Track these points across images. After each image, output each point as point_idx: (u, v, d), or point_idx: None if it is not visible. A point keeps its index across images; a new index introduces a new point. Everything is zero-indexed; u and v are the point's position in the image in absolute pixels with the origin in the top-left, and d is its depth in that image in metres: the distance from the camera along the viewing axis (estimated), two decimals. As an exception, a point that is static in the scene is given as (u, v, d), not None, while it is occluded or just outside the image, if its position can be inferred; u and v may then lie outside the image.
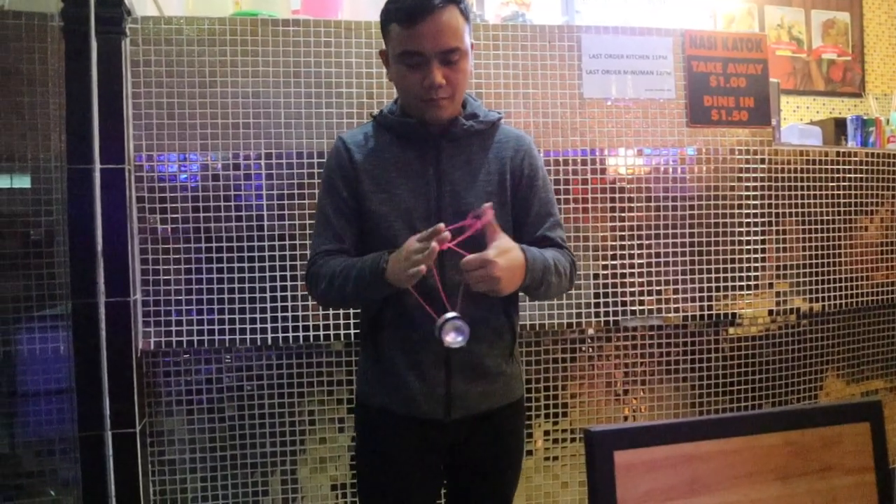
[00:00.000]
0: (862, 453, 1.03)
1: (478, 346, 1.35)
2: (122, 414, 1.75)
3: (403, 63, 1.29)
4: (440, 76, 1.27)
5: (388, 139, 1.38)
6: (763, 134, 2.18)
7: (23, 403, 1.82)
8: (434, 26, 1.25)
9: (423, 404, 1.34)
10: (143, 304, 1.82)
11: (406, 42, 1.27)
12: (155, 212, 1.83)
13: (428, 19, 1.24)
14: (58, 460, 1.79)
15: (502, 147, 1.41)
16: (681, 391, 2.14)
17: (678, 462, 0.95)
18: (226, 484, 1.90)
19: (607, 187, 2.05)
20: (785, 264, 2.21)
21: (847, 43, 4.48)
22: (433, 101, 1.30)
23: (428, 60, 1.27)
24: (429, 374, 1.34)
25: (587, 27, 2.08)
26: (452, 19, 1.26)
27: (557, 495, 2.06)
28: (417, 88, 1.29)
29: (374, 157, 1.37)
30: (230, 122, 1.86)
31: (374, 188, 1.35)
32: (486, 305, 1.35)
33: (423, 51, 1.26)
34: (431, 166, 1.35)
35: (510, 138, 1.43)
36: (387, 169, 1.35)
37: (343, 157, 1.38)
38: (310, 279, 1.38)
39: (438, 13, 1.24)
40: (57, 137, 1.76)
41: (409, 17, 1.24)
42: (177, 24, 1.84)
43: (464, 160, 1.37)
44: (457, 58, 1.28)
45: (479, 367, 1.37)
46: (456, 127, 1.36)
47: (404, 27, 1.25)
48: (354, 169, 1.36)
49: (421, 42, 1.25)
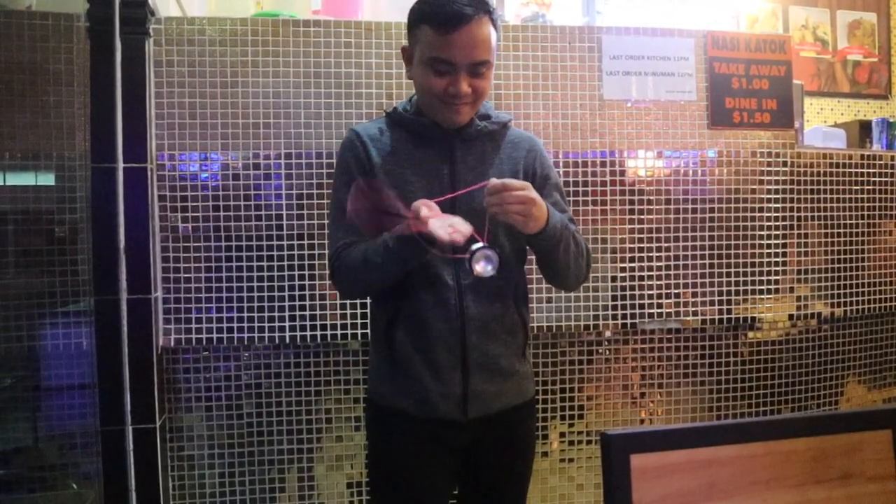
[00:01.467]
0: (883, 461, 1.01)
1: (493, 345, 1.35)
2: (143, 409, 1.77)
3: (431, 67, 1.28)
4: (466, 86, 1.27)
5: (401, 136, 1.38)
6: (786, 136, 2.15)
7: (46, 398, 1.85)
8: (468, 37, 1.24)
9: (440, 405, 1.34)
10: (163, 302, 1.85)
11: (437, 49, 1.26)
12: (176, 210, 1.85)
13: (463, 29, 1.23)
14: (79, 454, 1.82)
15: (514, 148, 1.42)
16: (698, 395, 2.12)
17: (695, 467, 0.95)
18: (243, 480, 1.91)
19: (626, 189, 2.04)
20: (806, 268, 2.19)
21: (873, 44, 4.41)
22: (454, 107, 1.30)
23: (456, 69, 1.26)
24: (445, 375, 1.34)
25: (608, 28, 2.07)
26: (485, 31, 1.26)
27: (573, 497, 2.05)
28: (441, 92, 1.29)
29: (389, 154, 1.36)
30: (251, 121, 1.87)
31: (388, 183, 1.32)
32: (500, 303, 1.36)
33: (454, 60, 1.25)
34: (445, 165, 1.35)
35: (521, 139, 1.44)
36: (401, 166, 1.35)
37: (359, 150, 1.37)
38: (337, 270, 1.35)
39: (474, 24, 1.24)
40: (81, 136, 1.78)
41: (444, 23, 1.23)
42: (199, 25, 1.86)
43: (476, 160, 1.37)
44: (483, 70, 1.29)
45: (495, 367, 1.37)
46: (470, 127, 1.36)
47: (437, 33, 1.24)
48: (370, 162, 1.35)
49: (453, 51, 1.25)
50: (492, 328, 1.35)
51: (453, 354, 1.33)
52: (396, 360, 1.37)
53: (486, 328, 1.35)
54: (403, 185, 1.33)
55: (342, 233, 1.35)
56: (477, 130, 1.37)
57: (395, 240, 1.23)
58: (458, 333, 1.33)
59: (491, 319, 1.35)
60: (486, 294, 1.35)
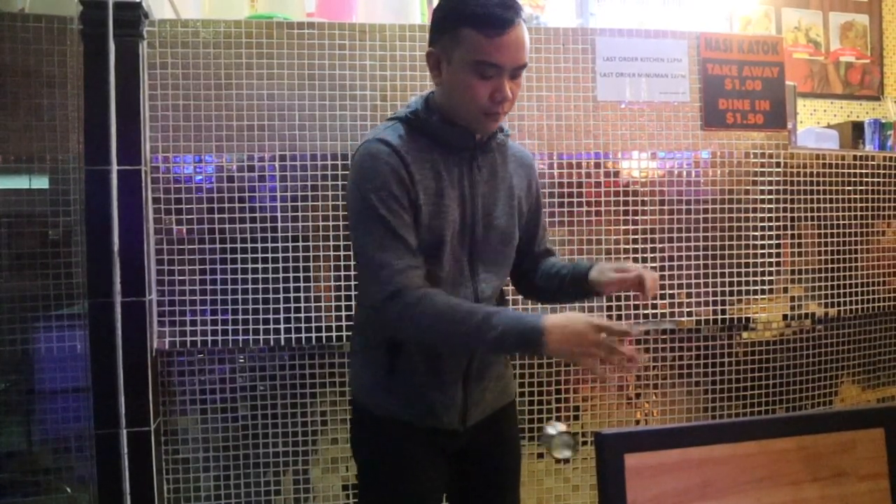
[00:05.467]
0: (876, 459, 1.02)
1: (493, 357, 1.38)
2: (137, 412, 1.77)
3: (475, 72, 1.21)
4: (509, 90, 1.24)
5: (425, 144, 1.29)
6: (779, 137, 2.16)
7: (40, 401, 1.84)
8: (516, 39, 1.21)
9: (442, 415, 1.33)
10: (158, 304, 1.84)
11: (485, 52, 1.20)
12: (170, 213, 1.85)
13: (511, 31, 1.20)
14: (74, 457, 1.81)
15: (517, 163, 1.42)
16: (693, 396, 2.12)
17: (689, 466, 0.95)
18: (238, 483, 1.91)
19: (621, 190, 2.05)
20: (800, 269, 2.19)
21: (866, 45, 4.43)
22: (495, 115, 1.26)
23: (502, 73, 1.22)
24: (449, 386, 1.33)
25: (601, 30, 2.07)
26: (525, 34, 1.24)
27: (568, 498, 2.05)
28: (483, 100, 1.23)
29: (420, 164, 1.27)
30: (245, 124, 1.87)
31: (426, 199, 1.26)
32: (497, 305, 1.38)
33: (503, 63, 1.21)
34: (466, 177, 1.31)
35: (522, 154, 1.46)
36: (436, 179, 1.28)
37: (397, 163, 1.24)
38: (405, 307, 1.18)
39: (518, 26, 1.22)
40: (75, 139, 1.78)
41: (494, 25, 1.19)
42: (193, 27, 1.86)
43: (489, 173, 1.35)
44: (520, 75, 1.27)
45: (488, 372, 1.38)
46: (494, 139, 1.34)
47: (486, 35, 1.19)
48: (410, 176, 1.25)
49: (502, 54, 1.20)
50: None
51: (460, 365, 1.33)
52: (398, 370, 1.32)
53: None
54: (438, 198, 1.27)
55: (395, 256, 1.21)
56: (497, 142, 1.36)
57: (515, 335, 1.13)
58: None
59: None
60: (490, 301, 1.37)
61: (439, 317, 1.17)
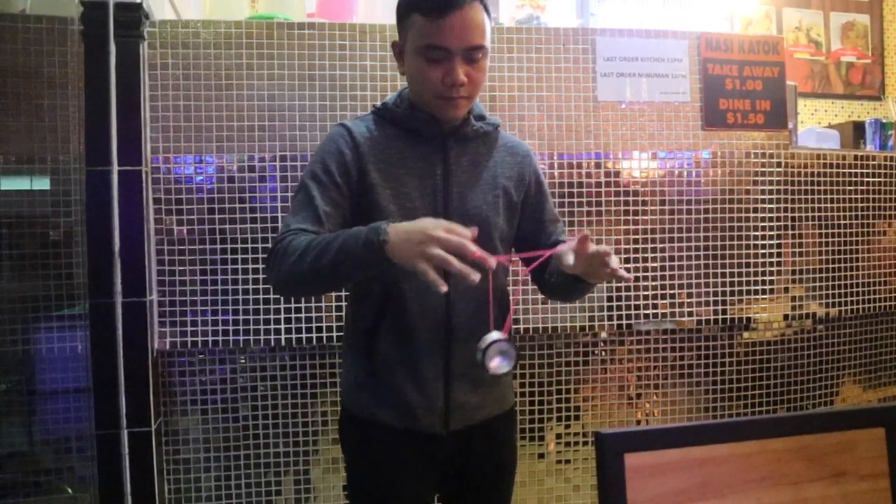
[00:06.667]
0: (877, 459, 1.02)
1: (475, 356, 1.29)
2: (138, 413, 1.77)
3: (424, 57, 1.23)
4: (462, 73, 1.22)
5: (393, 133, 1.31)
6: (779, 137, 2.16)
7: (41, 402, 1.84)
8: (462, 21, 1.20)
9: (422, 418, 1.30)
10: (158, 305, 1.84)
11: (431, 35, 1.20)
12: (171, 213, 1.85)
13: (456, 12, 1.19)
14: (75, 458, 1.81)
15: (508, 153, 1.39)
16: (694, 396, 2.12)
17: (689, 465, 0.95)
18: (239, 483, 1.91)
19: (621, 190, 2.05)
20: (801, 269, 2.19)
21: (867, 45, 4.43)
22: (451, 100, 1.25)
23: (452, 56, 1.21)
24: (428, 386, 1.30)
25: (602, 30, 2.07)
26: (479, 16, 1.22)
27: (569, 498, 2.05)
28: (437, 85, 1.23)
29: (381, 150, 1.29)
30: (245, 124, 1.87)
31: (381, 181, 1.27)
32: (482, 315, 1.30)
33: (449, 46, 1.21)
34: (439, 165, 1.31)
35: (516, 144, 1.43)
36: (394, 164, 1.29)
37: (347, 144, 1.28)
38: (273, 255, 1.19)
39: (467, 7, 1.20)
40: (76, 139, 1.78)
41: (436, 8, 1.19)
42: (193, 28, 1.86)
43: (470, 162, 1.34)
44: (480, 56, 1.24)
45: (477, 377, 1.32)
46: (466, 127, 1.32)
47: (430, 19, 1.20)
48: (360, 158, 1.27)
49: (447, 36, 1.20)
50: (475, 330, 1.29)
51: (437, 365, 1.29)
52: (377, 370, 1.31)
53: (472, 337, 1.28)
54: (397, 184, 1.28)
55: (298, 219, 1.22)
56: (473, 130, 1.33)
57: (362, 243, 1.09)
58: (444, 343, 1.29)
59: (476, 328, 1.29)
60: (473, 303, 1.31)
61: (298, 249, 1.15)
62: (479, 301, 1.30)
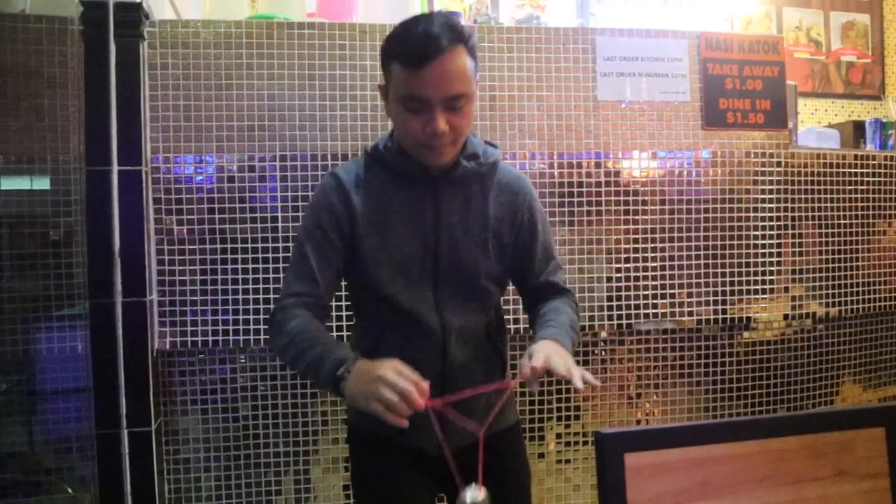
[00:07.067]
0: (877, 459, 1.02)
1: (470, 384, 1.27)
2: (138, 413, 1.77)
3: (405, 107, 1.19)
4: (443, 123, 1.17)
5: (383, 177, 1.29)
6: (779, 137, 2.16)
7: (41, 401, 1.84)
8: (440, 71, 1.15)
9: (414, 437, 1.26)
10: (158, 305, 1.84)
11: (409, 86, 1.17)
12: (171, 213, 1.85)
13: (434, 63, 1.14)
14: (75, 458, 1.81)
15: (502, 191, 1.33)
16: (694, 395, 2.12)
17: (689, 465, 0.95)
18: (239, 483, 1.91)
19: (621, 190, 2.05)
20: (801, 268, 2.19)
21: (867, 45, 4.43)
22: (434, 148, 1.21)
23: (432, 107, 1.17)
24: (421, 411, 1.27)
25: (602, 29, 2.07)
26: (460, 62, 1.17)
27: (569, 498, 2.05)
28: (418, 134, 1.20)
29: (371, 197, 1.28)
30: (245, 124, 1.87)
31: (369, 231, 1.26)
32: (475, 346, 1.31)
33: (428, 97, 1.16)
34: (430, 209, 1.27)
35: (510, 180, 1.35)
36: (384, 210, 1.27)
37: (339, 196, 1.28)
38: (272, 327, 1.27)
39: (447, 56, 1.15)
40: (76, 139, 1.78)
41: (413, 59, 1.15)
42: (193, 28, 1.86)
43: (462, 204, 1.29)
44: (462, 103, 1.19)
45: (471, 406, 1.28)
46: (457, 169, 1.27)
47: (408, 69, 1.16)
48: (350, 211, 1.27)
49: (425, 88, 1.16)
50: (471, 369, 1.31)
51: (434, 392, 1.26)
52: None
53: (467, 369, 1.30)
54: (387, 234, 1.27)
55: (294, 279, 1.28)
56: (464, 171, 1.28)
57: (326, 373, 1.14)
58: (440, 375, 1.28)
59: (471, 361, 1.31)
60: (468, 337, 1.31)
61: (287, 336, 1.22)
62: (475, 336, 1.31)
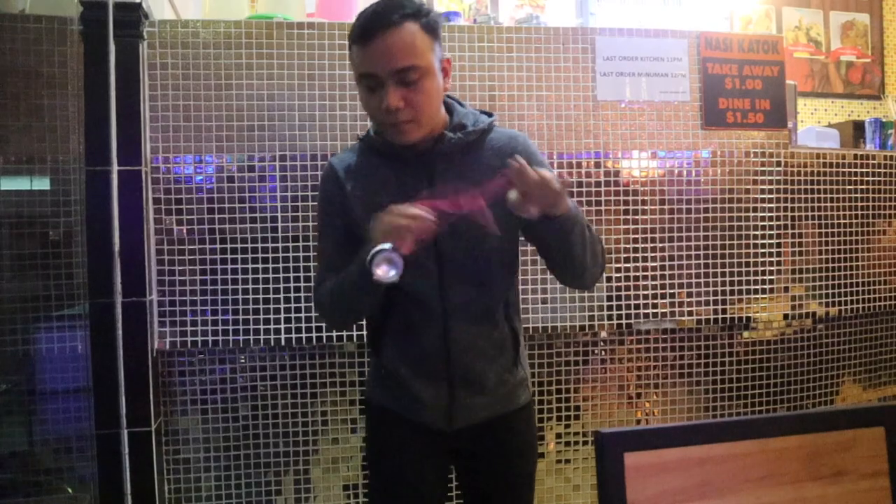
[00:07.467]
0: (877, 458, 1.02)
1: (479, 363, 1.32)
2: (138, 413, 1.77)
3: (362, 86, 1.22)
4: (396, 99, 1.18)
5: (377, 161, 1.31)
6: (779, 136, 2.16)
7: (41, 402, 1.84)
8: (387, 44, 1.16)
9: (424, 413, 1.34)
10: (158, 305, 1.84)
11: (361, 63, 1.19)
12: (171, 213, 1.85)
13: (380, 37, 1.16)
14: (75, 458, 1.81)
15: (495, 153, 1.30)
16: (694, 395, 2.12)
17: (689, 465, 0.95)
18: (239, 483, 1.91)
19: (621, 190, 2.05)
20: (801, 268, 2.19)
21: (866, 45, 4.43)
22: (395, 125, 1.21)
23: (383, 82, 1.18)
24: (431, 386, 1.33)
25: (601, 29, 2.07)
26: (408, 35, 1.17)
27: (569, 498, 2.05)
28: (378, 113, 1.22)
29: (365, 182, 1.31)
30: (245, 124, 1.87)
31: (365, 215, 1.25)
32: (488, 321, 1.32)
33: (376, 71, 1.18)
34: (424, 187, 1.26)
35: (502, 141, 1.32)
36: (378, 193, 1.28)
37: (333, 185, 1.33)
38: (318, 309, 1.40)
39: (394, 30, 1.16)
40: (75, 139, 1.78)
41: (362, 35, 1.18)
42: (193, 28, 1.86)
43: (456, 175, 1.27)
44: (416, 77, 1.18)
45: (481, 383, 1.34)
46: (443, 143, 1.27)
47: (360, 47, 1.19)
48: (344, 196, 1.31)
49: (373, 62, 1.18)
50: (479, 346, 1.32)
51: (438, 370, 1.32)
52: (385, 367, 1.37)
53: (473, 347, 1.32)
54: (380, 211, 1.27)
55: (322, 268, 1.38)
56: (452, 144, 1.27)
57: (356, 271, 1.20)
58: (443, 352, 1.31)
59: (478, 338, 1.32)
60: (473, 314, 1.31)
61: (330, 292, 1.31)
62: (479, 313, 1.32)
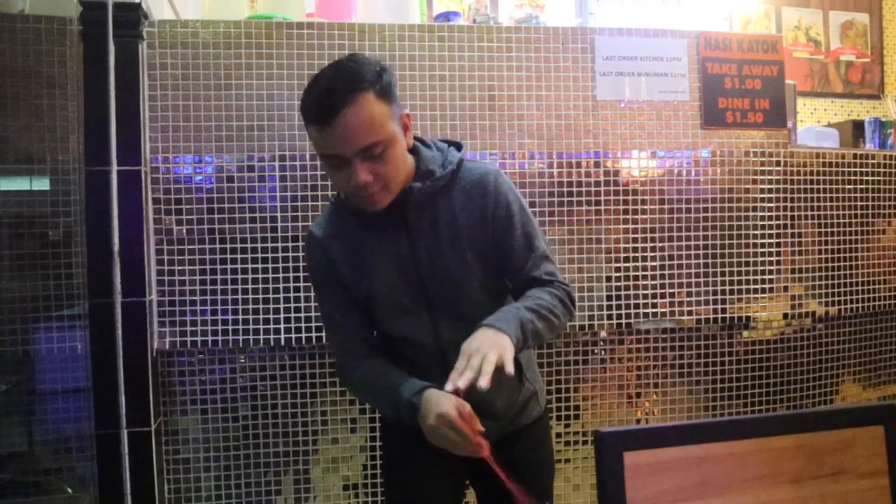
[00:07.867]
0: (876, 457, 1.02)
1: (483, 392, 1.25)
2: (138, 413, 1.77)
3: (325, 163, 1.21)
4: (364, 174, 1.16)
5: (353, 221, 1.31)
6: (779, 136, 2.16)
7: (40, 402, 1.84)
8: (347, 125, 1.12)
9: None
10: (158, 305, 1.84)
11: (323, 145, 1.16)
12: (170, 213, 1.85)
13: (339, 118, 1.12)
14: (75, 458, 1.81)
15: (466, 196, 1.29)
16: (694, 395, 2.12)
17: (688, 464, 0.95)
18: (239, 483, 1.91)
19: (620, 189, 2.05)
20: (800, 267, 2.19)
21: (866, 44, 4.43)
22: (365, 198, 1.20)
23: (347, 161, 1.16)
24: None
25: (601, 29, 2.07)
26: (367, 111, 1.13)
27: (569, 498, 2.05)
28: (346, 187, 1.20)
29: (347, 246, 1.32)
30: (245, 124, 1.87)
31: (354, 278, 1.31)
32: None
33: (341, 153, 1.15)
34: (402, 236, 1.28)
35: (472, 183, 1.29)
36: (361, 254, 1.30)
37: (318, 251, 1.34)
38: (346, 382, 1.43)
39: (351, 108, 1.12)
40: (75, 139, 1.78)
41: (318, 117, 1.13)
42: (193, 28, 1.86)
43: (430, 221, 1.28)
44: (380, 150, 1.16)
45: (489, 410, 1.31)
46: (412, 195, 1.26)
47: (318, 128, 1.15)
48: (331, 260, 1.32)
49: (335, 144, 1.14)
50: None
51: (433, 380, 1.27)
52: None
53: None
54: (367, 272, 1.30)
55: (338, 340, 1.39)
56: (422, 194, 1.26)
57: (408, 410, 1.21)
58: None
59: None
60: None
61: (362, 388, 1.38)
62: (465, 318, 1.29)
